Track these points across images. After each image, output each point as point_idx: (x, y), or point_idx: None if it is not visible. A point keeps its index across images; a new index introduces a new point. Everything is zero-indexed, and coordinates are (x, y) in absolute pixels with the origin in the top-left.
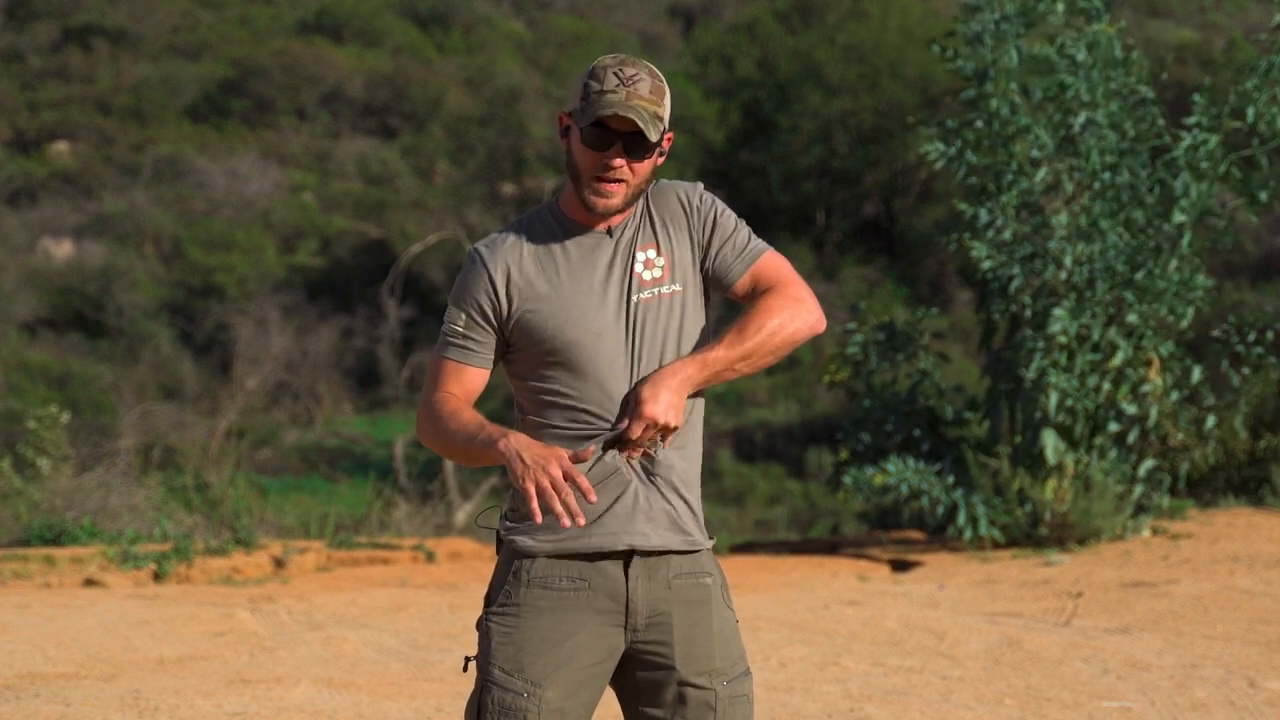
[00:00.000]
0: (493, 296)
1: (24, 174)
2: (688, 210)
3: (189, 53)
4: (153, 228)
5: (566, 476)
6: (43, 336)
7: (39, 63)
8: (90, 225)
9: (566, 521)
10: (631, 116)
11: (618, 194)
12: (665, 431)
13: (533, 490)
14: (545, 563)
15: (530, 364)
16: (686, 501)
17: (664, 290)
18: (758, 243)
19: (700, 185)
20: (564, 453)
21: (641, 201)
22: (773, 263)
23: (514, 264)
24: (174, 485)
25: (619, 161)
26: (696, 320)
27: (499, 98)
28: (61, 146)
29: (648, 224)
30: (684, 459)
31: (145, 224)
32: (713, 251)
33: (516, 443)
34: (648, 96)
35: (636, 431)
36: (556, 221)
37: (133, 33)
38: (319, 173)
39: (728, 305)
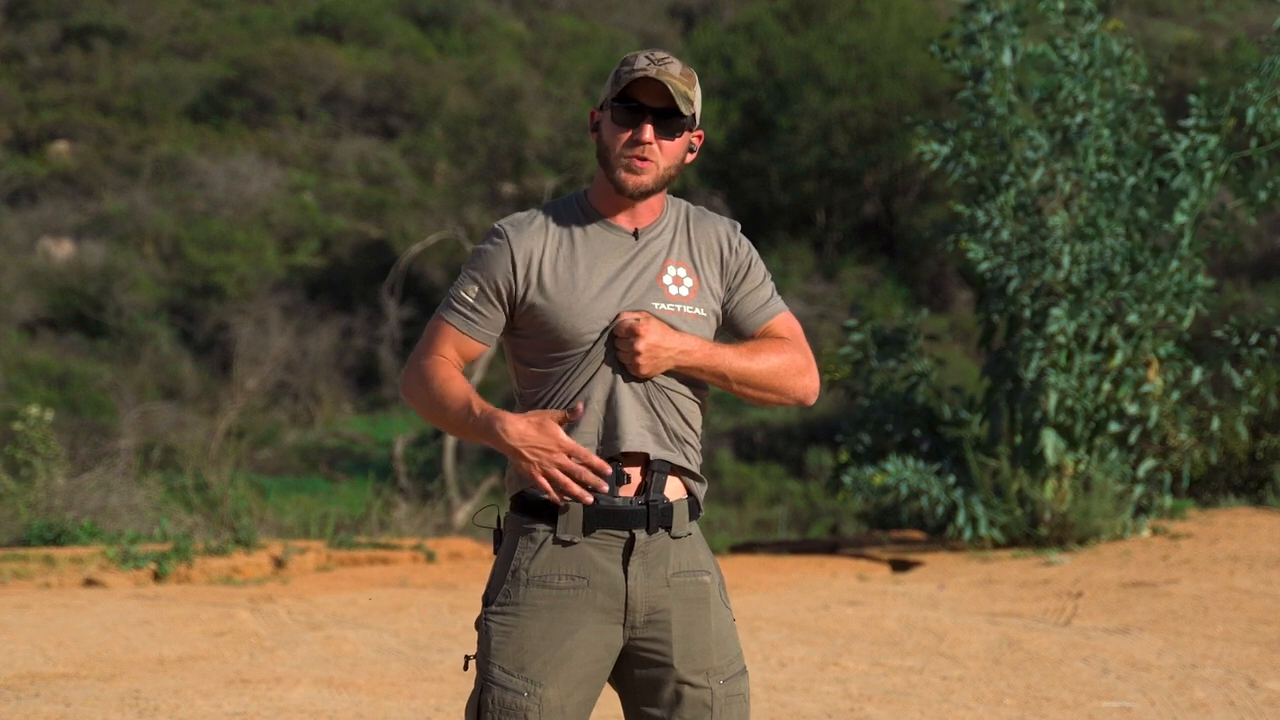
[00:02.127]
0: (510, 277)
1: (24, 174)
2: (725, 250)
3: (189, 53)
4: (153, 228)
5: (572, 457)
6: (43, 336)
7: (39, 63)
8: (90, 225)
9: (590, 499)
10: (664, 82)
11: (649, 172)
12: (632, 362)
13: (547, 484)
14: (544, 560)
15: (535, 351)
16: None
17: (687, 310)
18: (778, 301)
19: (738, 225)
20: (558, 429)
21: (680, 219)
22: (788, 323)
23: (537, 250)
24: (174, 485)
25: (650, 137)
26: None
27: (499, 98)
28: (61, 146)
29: (684, 242)
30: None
31: (145, 224)
32: (737, 298)
33: (514, 435)
34: (679, 75)
35: (619, 333)
36: (584, 213)
37: (133, 33)
38: (319, 173)
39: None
